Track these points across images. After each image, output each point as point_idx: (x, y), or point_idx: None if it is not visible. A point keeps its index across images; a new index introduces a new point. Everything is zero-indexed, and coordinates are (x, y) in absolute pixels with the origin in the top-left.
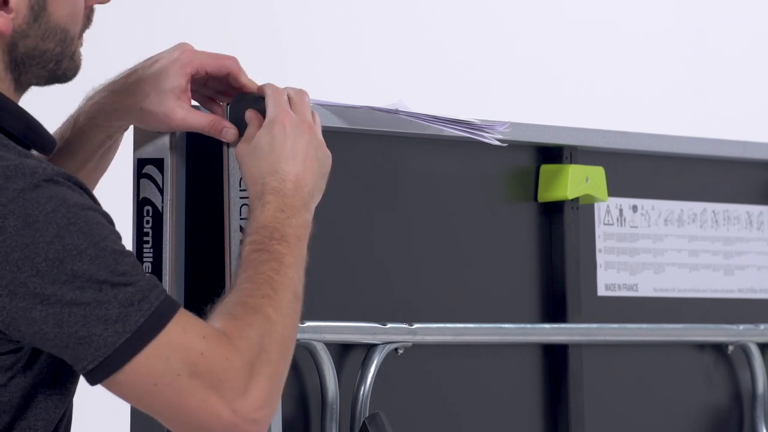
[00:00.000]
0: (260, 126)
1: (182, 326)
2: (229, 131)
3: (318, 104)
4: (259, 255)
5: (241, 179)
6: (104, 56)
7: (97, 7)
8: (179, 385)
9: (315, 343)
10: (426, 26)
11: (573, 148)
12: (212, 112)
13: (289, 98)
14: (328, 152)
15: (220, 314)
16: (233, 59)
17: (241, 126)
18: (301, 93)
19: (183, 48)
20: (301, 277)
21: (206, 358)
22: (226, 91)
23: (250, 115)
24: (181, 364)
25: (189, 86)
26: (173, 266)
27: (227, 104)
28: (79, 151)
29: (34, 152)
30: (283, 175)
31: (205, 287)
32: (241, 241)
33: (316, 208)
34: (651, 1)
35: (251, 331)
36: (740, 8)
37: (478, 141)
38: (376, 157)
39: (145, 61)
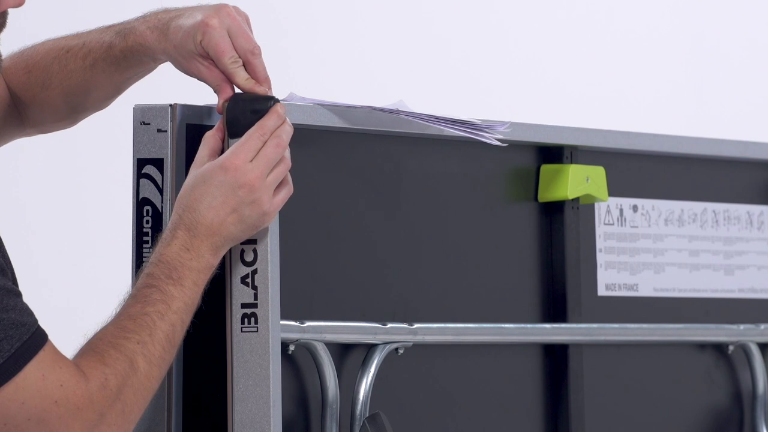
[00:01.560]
0: (211, 153)
1: (42, 372)
2: (220, 101)
3: (319, 104)
4: (151, 292)
5: None
6: None
7: (98, 5)
8: (26, 429)
9: (315, 343)
10: (426, 26)
11: (573, 148)
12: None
13: (268, 139)
14: (265, 210)
15: (91, 351)
16: (228, 56)
17: (236, 126)
18: (276, 144)
19: (208, 18)
20: (186, 323)
21: (58, 407)
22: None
23: (206, 135)
24: (34, 410)
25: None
26: None
27: (225, 102)
28: (123, 62)
29: None
30: (199, 217)
31: (204, 288)
32: (142, 267)
33: (315, 209)
34: (651, 1)
35: (113, 380)
36: (740, 8)
37: (479, 141)
38: (377, 157)
39: (192, 9)
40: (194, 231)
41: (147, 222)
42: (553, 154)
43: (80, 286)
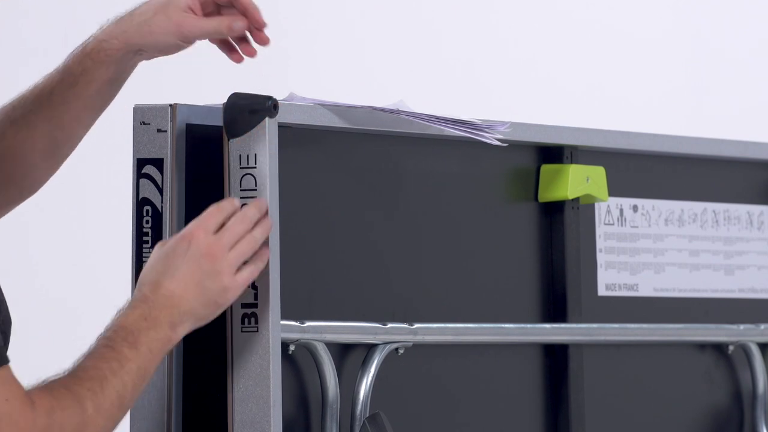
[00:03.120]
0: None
1: None
2: (238, 23)
3: (319, 104)
4: (106, 351)
5: (242, 178)
6: None
7: (98, 5)
8: None
9: (315, 342)
10: (426, 26)
11: (573, 148)
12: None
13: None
14: (226, 285)
15: (44, 387)
16: None
17: (235, 127)
18: (242, 219)
19: None
20: (137, 387)
21: (0, 422)
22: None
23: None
24: None
25: (197, 3)
26: None
27: (223, 104)
28: (82, 77)
29: None
30: (160, 288)
31: None
32: (101, 334)
33: (315, 209)
34: (651, 2)
35: (59, 413)
36: (740, 8)
37: (479, 141)
38: (377, 157)
39: None
40: (153, 302)
41: (147, 222)
42: (553, 154)
43: (80, 286)
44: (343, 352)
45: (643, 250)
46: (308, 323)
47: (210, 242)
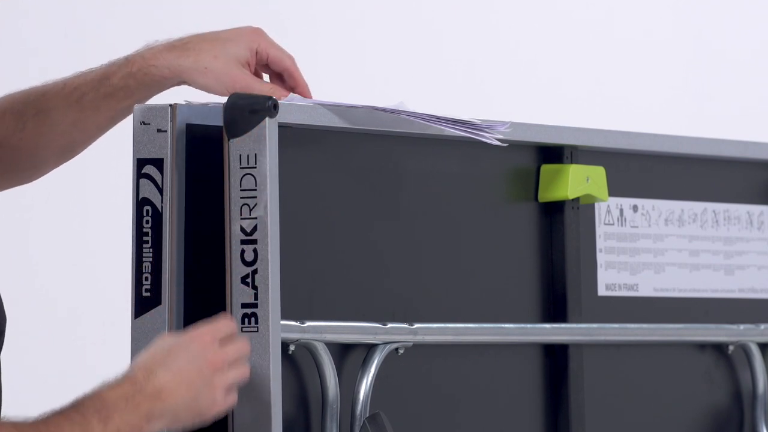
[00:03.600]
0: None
1: None
2: (283, 97)
3: (319, 104)
4: (74, 415)
5: (242, 178)
6: (101, 55)
7: (98, 5)
8: None
9: (315, 343)
10: (426, 26)
11: (574, 148)
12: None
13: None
14: (217, 400)
15: None
16: (292, 58)
17: (235, 128)
18: (245, 344)
19: (254, 27)
20: None
21: None
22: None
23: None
24: None
25: (253, 60)
26: (173, 266)
27: (223, 104)
28: (120, 92)
29: None
30: (153, 378)
31: (204, 288)
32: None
33: (315, 209)
34: (651, 2)
35: None
36: (741, 8)
37: (479, 141)
38: (377, 157)
39: (211, 32)
40: (141, 388)
41: (147, 222)
42: (553, 154)
43: (80, 286)
44: (343, 352)
45: (643, 250)
46: (308, 323)
47: (217, 351)
